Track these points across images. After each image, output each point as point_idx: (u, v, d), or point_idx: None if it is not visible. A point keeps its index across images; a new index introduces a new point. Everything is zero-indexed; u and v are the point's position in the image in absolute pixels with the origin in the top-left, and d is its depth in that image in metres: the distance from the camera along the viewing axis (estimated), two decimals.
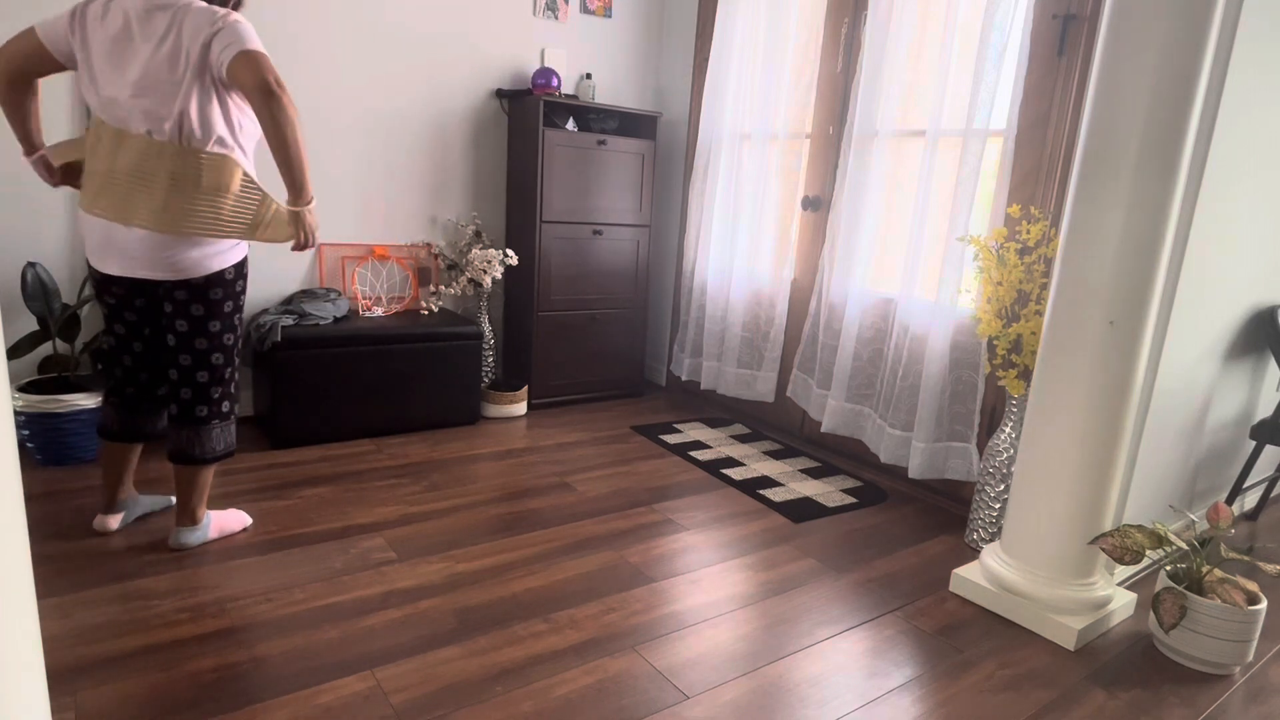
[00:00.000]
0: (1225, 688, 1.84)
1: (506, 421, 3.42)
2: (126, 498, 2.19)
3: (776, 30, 3.29)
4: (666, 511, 2.58)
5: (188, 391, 2.00)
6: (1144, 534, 1.92)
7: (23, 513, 0.84)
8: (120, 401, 2.09)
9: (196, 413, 2.02)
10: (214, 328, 1.98)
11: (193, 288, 1.91)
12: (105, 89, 1.80)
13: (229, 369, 2.05)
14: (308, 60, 3.06)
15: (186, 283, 1.90)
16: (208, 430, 2.04)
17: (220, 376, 2.03)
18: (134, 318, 2.01)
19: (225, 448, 2.09)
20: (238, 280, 2.00)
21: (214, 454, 2.06)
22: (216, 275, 1.93)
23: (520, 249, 3.56)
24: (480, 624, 1.86)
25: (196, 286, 1.91)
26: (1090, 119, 1.85)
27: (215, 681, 1.59)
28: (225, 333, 2.01)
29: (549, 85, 3.41)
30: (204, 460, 2.05)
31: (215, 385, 2.03)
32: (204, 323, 1.96)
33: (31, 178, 2.63)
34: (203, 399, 2.02)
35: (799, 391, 3.35)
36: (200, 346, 1.97)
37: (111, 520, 2.16)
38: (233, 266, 1.97)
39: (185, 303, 1.93)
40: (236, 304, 2.02)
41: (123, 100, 1.79)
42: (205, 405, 2.03)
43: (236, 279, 1.99)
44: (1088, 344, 1.89)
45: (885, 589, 2.18)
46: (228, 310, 1.99)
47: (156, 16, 1.78)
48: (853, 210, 3.00)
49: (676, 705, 1.63)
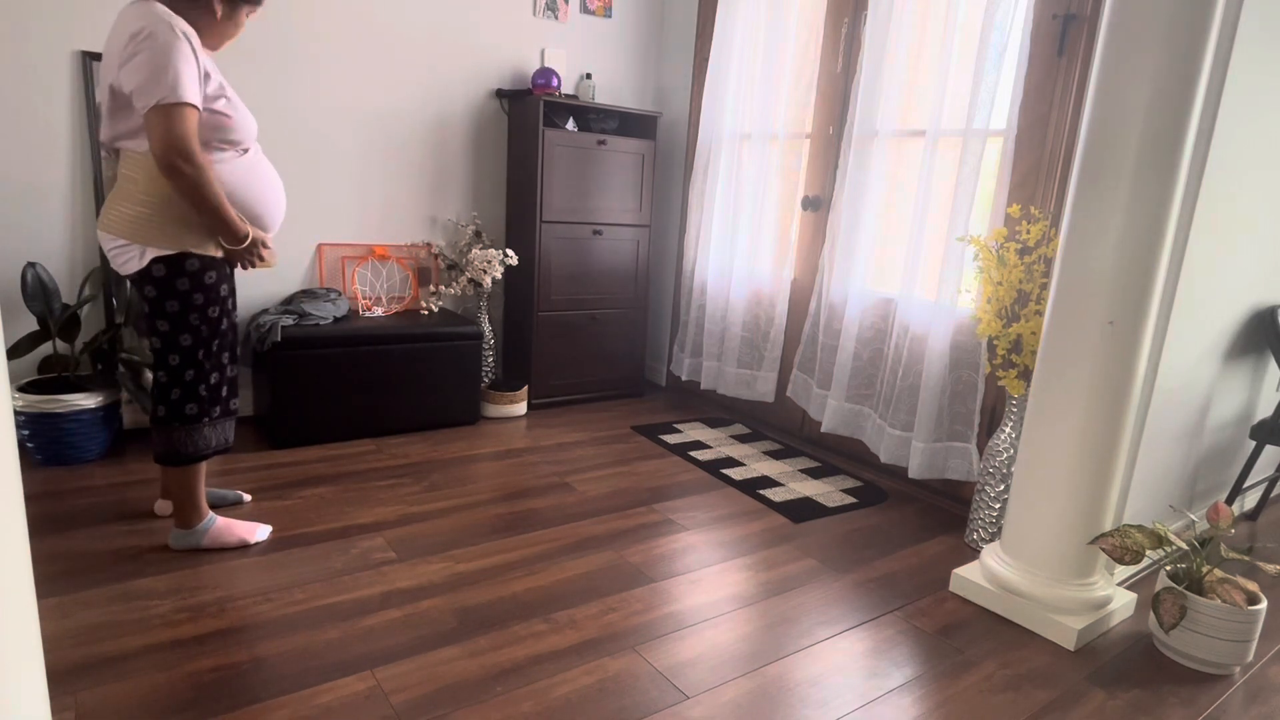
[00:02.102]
0: (1225, 688, 1.84)
1: (506, 421, 3.42)
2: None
3: (776, 30, 3.29)
4: (666, 511, 2.58)
5: (156, 390, 1.99)
6: (1144, 534, 1.92)
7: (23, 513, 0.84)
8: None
9: (156, 411, 1.99)
10: (162, 326, 1.92)
11: (134, 282, 1.93)
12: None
13: (190, 372, 1.97)
14: (308, 59, 3.06)
15: (130, 277, 1.92)
16: (166, 431, 1.99)
17: (180, 379, 1.96)
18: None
19: (195, 451, 2.01)
20: (176, 279, 1.88)
21: (175, 456, 2.00)
22: (144, 271, 1.88)
23: (520, 249, 3.56)
24: (480, 624, 1.86)
25: (135, 282, 1.92)
26: (1090, 119, 1.85)
27: (215, 681, 1.59)
28: (178, 333, 1.93)
29: (549, 85, 3.41)
30: (166, 460, 2.00)
31: (174, 387, 1.97)
32: (152, 319, 1.93)
33: (32, 178, 2.63)
34: (161, 398, 1.98)
35: (799, 391, 3.35)
36: (155, 345, 1.96)
37: (166, 504, 2.26)
38: (161, 263, 1.86)
39: (139, 299, 1.97)
40: (185, 304, 1.91)
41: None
42: (163, 405, 1.98)
43: (174, 277, 1.88)
44: (1088, 344, 1.89)
45: (885, 589, 2.18)
46: (172, 310, 1.90)
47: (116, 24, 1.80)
48: (853, 210, 3.00)
49: (676, 705, 1.63)
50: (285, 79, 3.02)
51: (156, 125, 1.71)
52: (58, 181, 2.68)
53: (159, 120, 1.71)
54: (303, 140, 3.11)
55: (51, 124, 2.64)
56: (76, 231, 2.75)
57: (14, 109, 2.58)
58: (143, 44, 1.69)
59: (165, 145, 1.72)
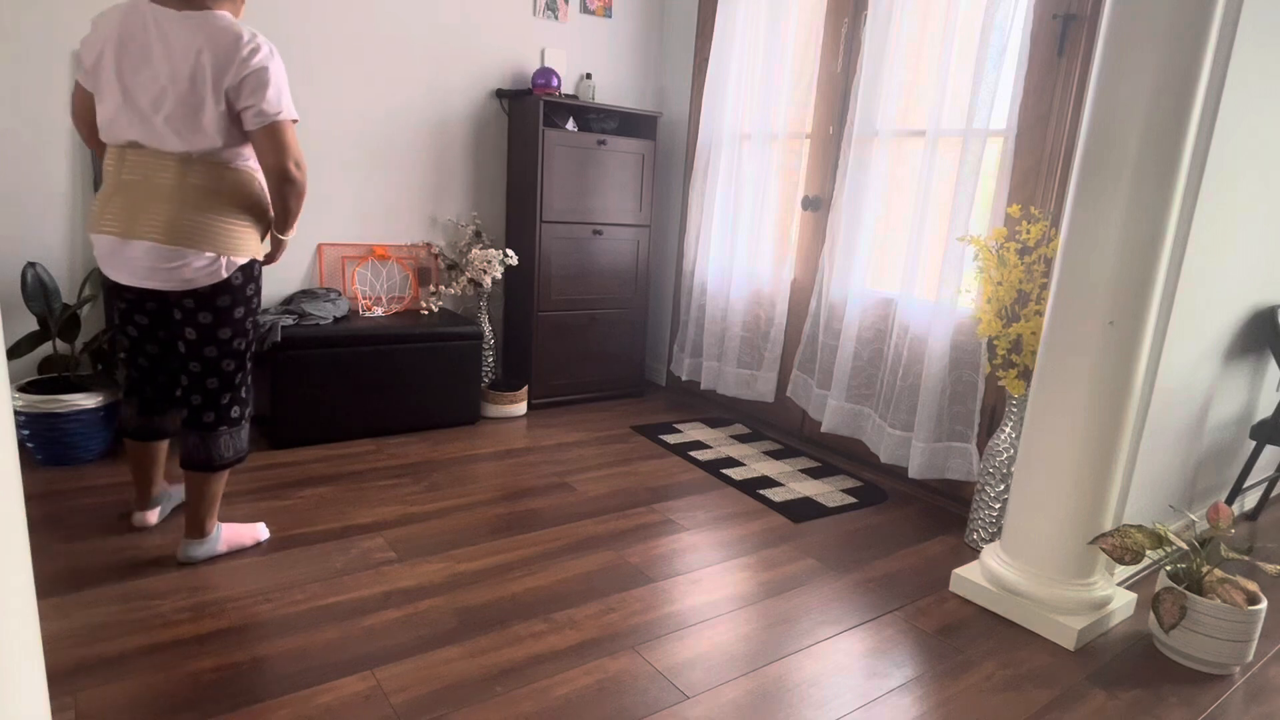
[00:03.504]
0: (1225, 688, 1.84)
1: (506, 421, 3.42)
2: (160, 492, 2.22)
3: (776, 30, 3.29)
4: (666, 511, 2.58)
5: (198, 398, 1.98)
6: (1144, 534, 1.92)
7: (23, 513, 0.84)
8: (139, 401, 2.09)
9: (204, 419, 1.99)
10: (224, 334, 1.94)
11: (200, 296, 1.88)
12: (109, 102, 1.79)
13: (240, 374, 2.02)
14: (308, 59, 3.06)
15: (194, 291, 1.87)
16: (214, 437, 2.01)
17: (231, 383, 2.00)
18: (146, 321, 1.99)
19: (234, 454, 2.05)
20: (247, 285, 1.95)
21: (221, 460, 2.02)
22: (224, 283, 1.89)
23: (520, 249, 3.56)
24: (480, 624, 1.86)
25: (203, 295, 1.88)
26: (1090, 119, 1.85)
27: (215, 681, 1.59)
28: (236, 338, 1.97)
29: (549, 85, 3.41)
30: (210, 467, 2.01)
31: (225, 391, 2.00)
32: (213, 330, 1.92)
33: (31, 178, 2.63)
34: (211, 405, 1.99)
35: (799, 391, 3.35)
36: (210, 354, 1.94)
37: (150, 515, 2.20)
38: (239, 271, 1.92)
39: (193, 310, 1.90)
40: (248, 308, 1.98)
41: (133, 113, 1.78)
42: (213, 411, 2.00)
43: (245, 283, 1.94)
44: (1088, 344, 1.89)
45: (885, 589, 2.18)
46: (238, 316, 1.95)
47: (176, 24, 1.75)
48: (853, 210, 3.00)
49: (676, 705, 1.63)
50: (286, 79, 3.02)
51: (280, 138, 1.81)
52: (58, 182, 2.68)
53: (282, 134, 1.82)
54: (303, 140, 3.11)
55: (51, 124, 2.64)
56: (76, 231, 2.75)
57: (14, 109, 2.58)
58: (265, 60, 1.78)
59: (288, 156, 1.83)
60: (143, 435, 2.11)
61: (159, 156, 1.79)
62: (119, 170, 1.82)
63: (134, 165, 1.81)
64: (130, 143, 1.80)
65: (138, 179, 1.80)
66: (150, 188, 1.80)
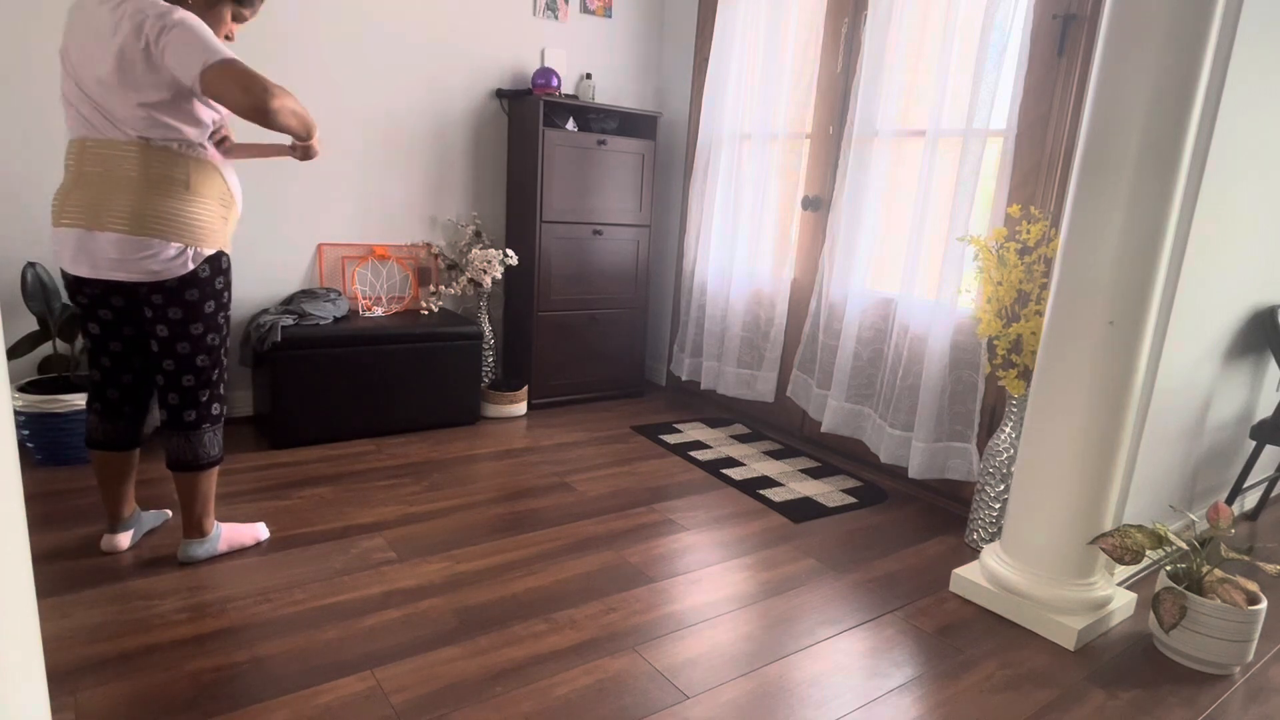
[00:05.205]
0: (1225, 688, 1.84)
1: (506, 421, 3.42)
2: (132, 513, 2.12)
3: (776, 30, 3.29)
4: (666, 511, 2.58)
5: (175, 397, 1.95)
6: (1144, 534, 1.92)
7: (23, 513, 0.84)
8: (103, 407, 2.01)
9: (185, 418, 1.97)
10: (195, 330, 1.91)
11: (167, 291, 1.85)
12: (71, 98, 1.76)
13: (215, 370, 1.98)
14: (308, 59, 3.06)
15: (161, 285, 1.84)
16: (199, 435, 1.99)
17: (207, 379, 1.97)
18: (109, 316, 1.92)
19: (220, 451, 2.04)
20: (215, 278, 1.91)
21: (209, 458, 2.01)
22: (190, 275, 1.86)
23: (520, 249, 3.56)
24: (480, 624, 1.86)
25: (171, 289, 1.85)
26: (1090, 119, 1.85)
27: (215, 681, 1.59)
28: (208, 334, 1.94)
29: (549, 85, 3.41)
30: (198, 465, 2.00)
31: (202, 389, 1.97)
32: (184, 326, 1.89)
33: (31, 178, 2.63)
34: (190, 404, 1.96)
35: (799, 391, 3.35)
36: (183, 350, 1.91)
37: (121, 539, 2.08)
38: (206, 263, 1.87)
39: (162, 306, 1.86)
40: (219, 303, 1.94)
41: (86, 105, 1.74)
42: (193, 409, 1.97)
43: (213, 276, 1.90)
44: (1088, 344, 1.89)
45: (885, 589, 2.18)
46: (209, 311, 1.92)
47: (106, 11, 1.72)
48: (853, 210, 3.00)
49: (676, 705, 1.63)
50: (286, 79, 3.02)
51: (232, 72, 1.68)
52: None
53: (233, 69, 1.68)
54: None
55: (51, 124, 2.64)
56: None
57: (13, 109, 2.58)
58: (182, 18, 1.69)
59: (254, 85, 1.68)
60: (108, 444, 2.01)
61: (118, 147, 1.75)
62: (80, 163, 1.77)
63: (94, 158, 1.77)
64: (89, 135, 1.77)
65: (99, 171, 1.76)
66: (112, 179, 1.76)
